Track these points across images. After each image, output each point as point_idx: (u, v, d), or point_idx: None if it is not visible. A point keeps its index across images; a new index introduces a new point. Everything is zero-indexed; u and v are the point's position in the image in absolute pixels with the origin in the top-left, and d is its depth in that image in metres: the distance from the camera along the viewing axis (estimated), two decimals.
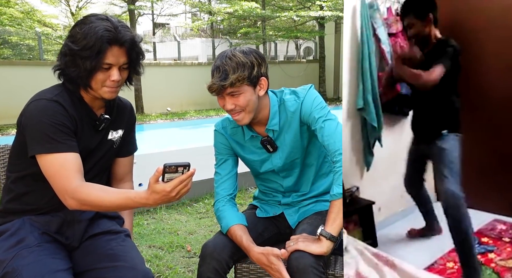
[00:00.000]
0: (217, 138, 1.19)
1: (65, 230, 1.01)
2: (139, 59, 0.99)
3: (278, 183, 1.20)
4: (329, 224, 1.01)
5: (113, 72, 0.94)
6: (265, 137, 1.13)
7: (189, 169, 0.81)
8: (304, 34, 11.64)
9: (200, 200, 2.67)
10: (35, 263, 0.90)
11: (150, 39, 12.33)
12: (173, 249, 1.96)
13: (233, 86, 1.01)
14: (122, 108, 1.10)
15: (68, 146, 0.91)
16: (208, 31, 16.14)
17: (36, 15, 10.20)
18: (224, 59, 1.03)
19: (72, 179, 0.88)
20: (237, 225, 1.10)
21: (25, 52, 9.84)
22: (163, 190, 0.81)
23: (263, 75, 1.06)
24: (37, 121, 0.91)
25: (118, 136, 1.08)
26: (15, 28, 9.42)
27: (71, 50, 0.92)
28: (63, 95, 0.95)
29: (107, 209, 0.94)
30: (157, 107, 8.95)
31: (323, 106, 1.10)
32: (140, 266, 0.97)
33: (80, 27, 0.92)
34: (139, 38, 0.96)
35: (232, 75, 1.00)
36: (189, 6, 13.62)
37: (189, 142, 4.86)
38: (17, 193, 1.00)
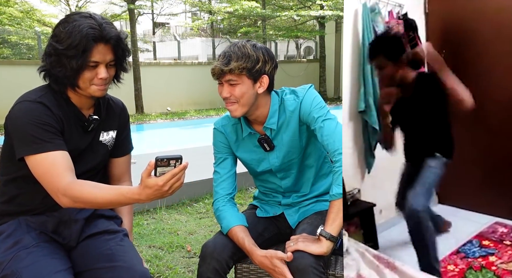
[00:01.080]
0: (216, 137, 1.19)
1: (62, 230, 1.01)
2: (125, 55, 0.98)
3: (276, 184, 1.20)
4: (328, 224, 1.00)
5: (100, 70, 0.93)
6: (262, 136, 1.13)
7: (181, 162, 0.80)
8: (304, 33, 11.61)
9: (200, 200, 2.66)
10: (34, 265, 0.89)
11: (150, 39, 12.32)
12: (173, 249, 1.96)
13: (232, 73, 1.02)
14: (113, 109, 1.08)
15: (56, 145, 0.90)
16: (208, 30, 16.12)
17: (35, 15, 10.17)
18: (233, 47, 1.05)
19: (62, 177, 0.87)
20: (238, 226, 1.10)
21: (25, 51, 9.82)
22: (155, 184, 0.79)
23: (266, 73, 1.06)
24: (21, 123, 0.90)
25: (110, 137, 1.07)
26: (14, 27, 9.40)
27: (55, 49, 0.90)
28: (47, 96, 0.94)
29: (100, 206, 0.93)
30: (157, 107, 8.94)
31: (322, 105, 1.10)
32: (138, 266, 0.96)
33: (64, 26, 0.91)
34: (124, 34, 0.95)
35: (235, 62, 1.01)
36: (189, 6, 13.59)
37: (189, 142, 4.86)
38: (10, 196, 1.00)
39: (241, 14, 10.55)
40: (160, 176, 0.80)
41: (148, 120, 7.65)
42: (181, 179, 0.82)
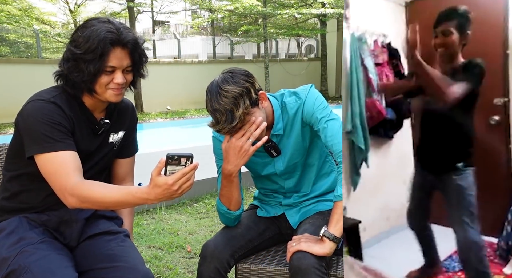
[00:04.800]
0: (216, 145, 1.16)
1: (64, 229, 1.00)
2: (143, 61, 0.98)
3: (279, 185, 1.19)
4: (332, 225, 0.99)
5: (117, 75, 0.93)
6: (269, 143, 1.11)
7: (192, 161, 0.79)
8: (305, 31, 11.59)
9: (201, 200, 2.65)
10: (43, 259, 0.89)
11: (150, 37, 12.29)
12: (173, 250, 1.95)
13: (243, 121, 0.98)
14: (124, 110, 1.09)
15: (66, 145, 0.91)
16: (208, 28, 16.09)
17: (34, 13, 10.16)
18: (220, 99, 0.96)
19: (71, 177, 0.87)
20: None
21: (23, 50, 9.80)
22: (165, 183, 0.79)
23: (258, 90, 1.03)
24: (33, 121, 0.91)
25: (119, 138, 1.07)
26: (12, 25, 9.38)
27: (73, 54, 0.91)
28: (61, 97, 0.95)
29: (108, 206, 0.93)
30: (156, 106, 8.93)
31: (325, 106, 1.08)
32: (140, 267, 0.96)
33: (82, 31, 0.92)
34: (141, 39, 0.96)
35: (237, 112, 0.96)
36: (189, 4, 13.59)
37: (189, 141, 4.85)
38: (12, 192, 1.00)
39: (242, 12, 10.53)
40: (170, 175, 0.79)
41: (147, 119, 7.64)
42: (191, 179, 0.81)
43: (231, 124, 0.97)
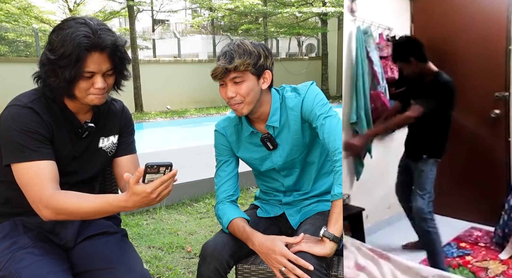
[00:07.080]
0: (218, 139, 1.17)
1: (59, 230, 0.99)
2: (124, 63, 0.93)
3: (279, 182, 1.19)
4: (331, 225, 0.99)
5: (96, 79, 0.89)
6: (265, 134, 1.11)
7: (171, 170, 0.78)
8: (306, 30, 11.56)
9: (201, 200, 2.63)
10: (33, 265, 0.88)
11: (150, 36, 12.27)
12: (173, 250, 1.94)
13: (237, 70, 1.00)
14: (114, 112, 1.05)
15: (41, 154, 0.88)
16: (208, 27, 16.06)
17: (33, 11, 10.13)
18: (232, 46, 1.03)
19: (45, 188, 0.85)
20: (238, 218, 1.09)
21: (22, 48, 9.80)
22: (143, 191, 0.78)
23: (268, 68, 1.06)
24: (8, 129, 0.88)
25: (111, 143, 1.04)
26: (11, 24, 9.36)
27: (49, 59, 0.87)
28: (39, 101, 0.92)
29: (84, 216, 0.90)
30: (156, 105, 8.91)
31: (324, 102, 1.08)
32: (138, 267, 0.95)
33: (57, 34, 0.87)
34: (122, 41, 0.91)
35: (238, 59, 1.00)
36: (189, 2, 13.53)
37: (189, 141, 4.84)
38: (5, 197, 0.99)
39: (242, 11, 10.52)
40: (149, 183, 0.78)
41: (147, 119, 7.63)
42: (170, 186, 0.80)
43: (226, 64, 1.00)
